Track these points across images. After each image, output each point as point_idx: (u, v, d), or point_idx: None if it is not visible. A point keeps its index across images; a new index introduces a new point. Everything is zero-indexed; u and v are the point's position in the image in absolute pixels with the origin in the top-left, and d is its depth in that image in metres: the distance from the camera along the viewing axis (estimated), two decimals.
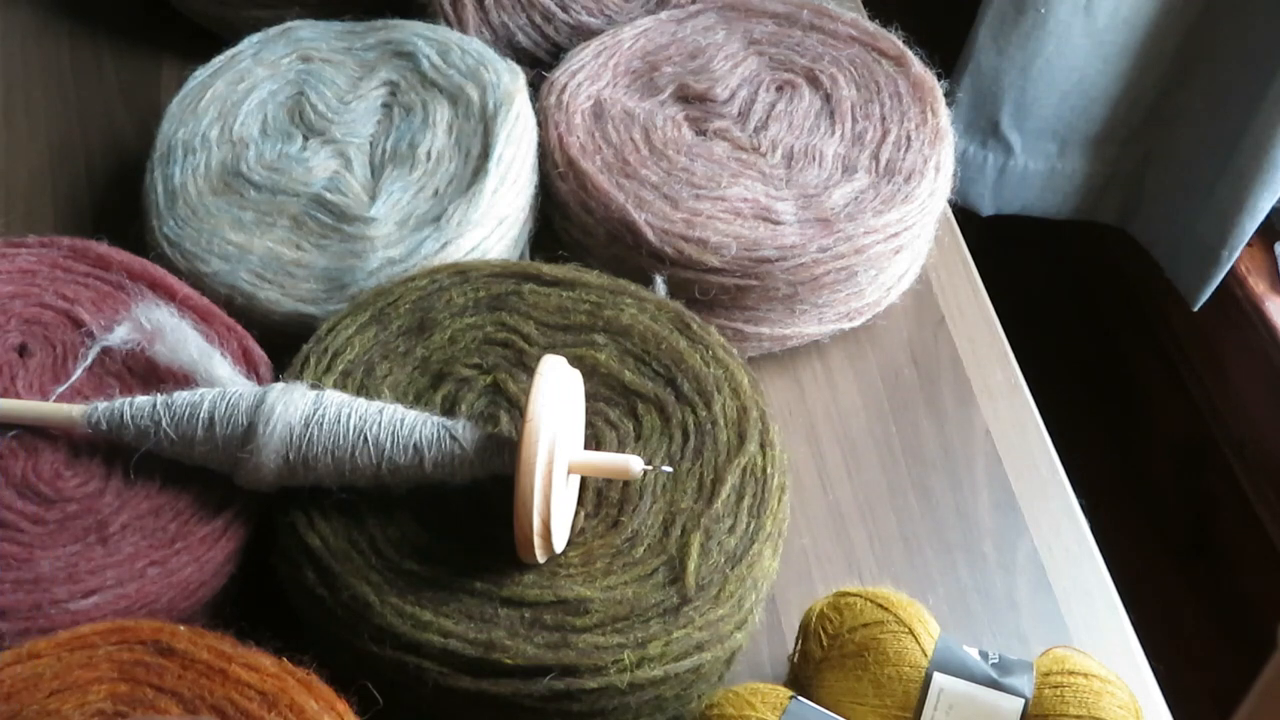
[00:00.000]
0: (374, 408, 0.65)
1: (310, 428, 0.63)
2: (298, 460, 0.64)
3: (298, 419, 0.64)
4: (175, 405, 0.65)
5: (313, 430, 0.63)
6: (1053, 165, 1.20)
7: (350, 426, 0.63)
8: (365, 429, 0.63)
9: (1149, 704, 0.74)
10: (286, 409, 0.64)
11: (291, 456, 0.63)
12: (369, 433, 0.63)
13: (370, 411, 0.64)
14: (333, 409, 0.64)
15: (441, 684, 0.62)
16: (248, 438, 0.64)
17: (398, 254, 0.78)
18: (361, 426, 0.63)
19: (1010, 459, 0.85)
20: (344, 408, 0.64)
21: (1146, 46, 1.11)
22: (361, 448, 0.63)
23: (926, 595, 0.77)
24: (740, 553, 0.66)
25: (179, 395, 0.66)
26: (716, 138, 0.87)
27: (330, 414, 0.64)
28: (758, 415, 0.71)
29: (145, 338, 0.70)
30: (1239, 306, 1.13)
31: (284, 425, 0.63)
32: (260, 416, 0.63)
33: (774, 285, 0.81)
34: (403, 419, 0.64)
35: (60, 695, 0.56)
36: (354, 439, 0.63)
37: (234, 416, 0.64)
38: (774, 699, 0.64)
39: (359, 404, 0.65)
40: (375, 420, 0.64)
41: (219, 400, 0.65)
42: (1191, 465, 1.26)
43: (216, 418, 0.64)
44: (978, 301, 0.93)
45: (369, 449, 0.63)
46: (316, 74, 0.87)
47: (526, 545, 0.61)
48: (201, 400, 0.65)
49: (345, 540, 0.65)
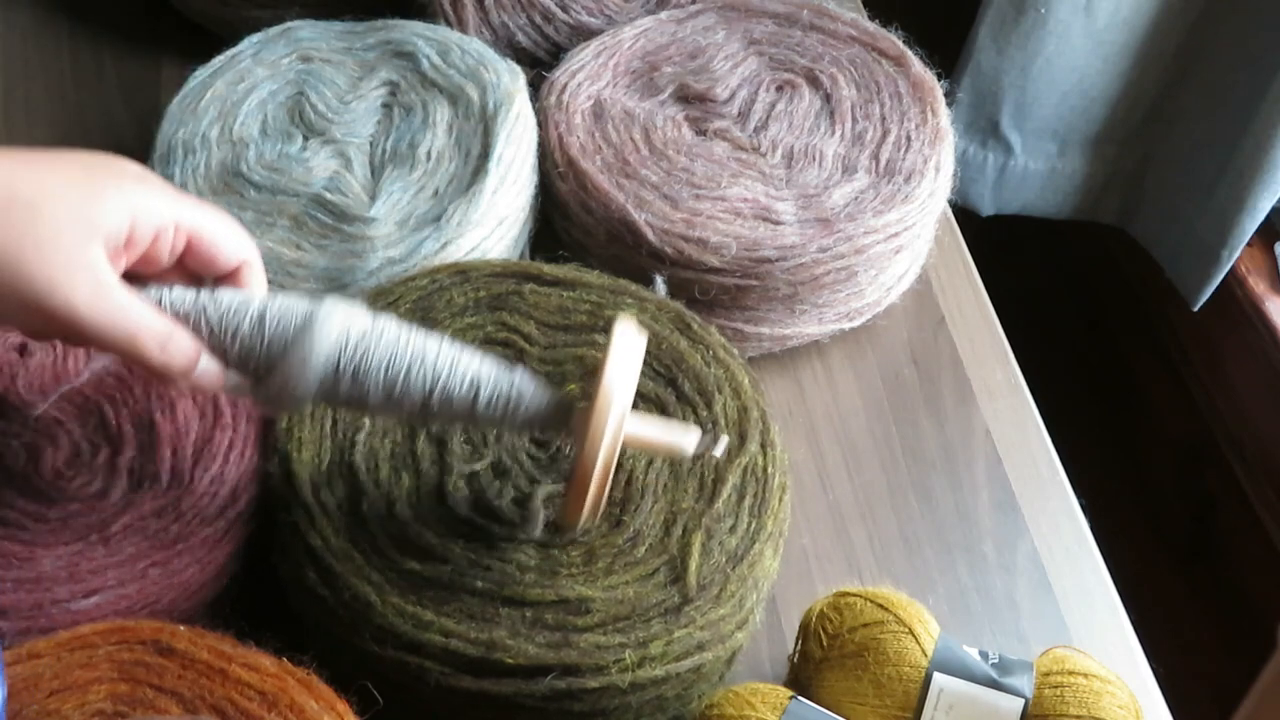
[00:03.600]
0: (435, 336, 0.61)
1: (369, 338, 0.60)
2: (347, 369, 0.59)
3: (356, 326, 0.60)
4: (221, 298, 0.61)
5: (370, 341, 0.60)
6: (1053, 165, 1.20)
7: (410, 344, 0.60)
8: (425, 351, 0.60)
9: (1149, 704, 0.74)
10: (347, 314, 0.60)
11: (343, 364, 0.59)
12: (428, 355, 0.60)
13: (432, 339, 0.61)
14: (394, 326, 0.61)
15: (443, 684, 0.62)
16: (301, 336, 0.59)
17: (398, 254, 0.78)
18: (422, 348, 0.60)
19: (1010, 459, 0.85)
20: (405, 328, 0.61)
21: (1146, 46, 1.11)
22: (418, 369, 0.60)
23: (926, 595, 0.77)
24: (741, 552, 0.66)
25: (224, 291, 0.62)
26: (716, 138, 0.87)
27: (391, 330, 0.60)
28: (758, 415, 0.71)
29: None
30: (1239, 306, 1.13)
31: (342, 329, 0.59)
32: (319, 316, 0.59)
33: (774, 285, 0.81)
34: (463, 350, 0.61)
35: (60, 695, 0.56)
36: (412, 358, 0.60)
37: (287, 315, 0.60)
38: (774, 699, 0.64)
39: (419, 330, 0.62)
40: (436, 347, 0.61)
41: (271, 300, 0.61)
42: (1191, 465, 1.26)
43: (268, 315, 0.60)
44: (978, 301, 0.93)
45: (424, 371, 0.60)
46: (316, 74, 0.87)
47: (577, 510, 0.59)
48: (251, 299, 0.61)
49: (346, 540, 0.65)
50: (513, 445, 0.69)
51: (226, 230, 0.61)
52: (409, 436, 0.69)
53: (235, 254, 0.61)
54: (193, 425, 0.69)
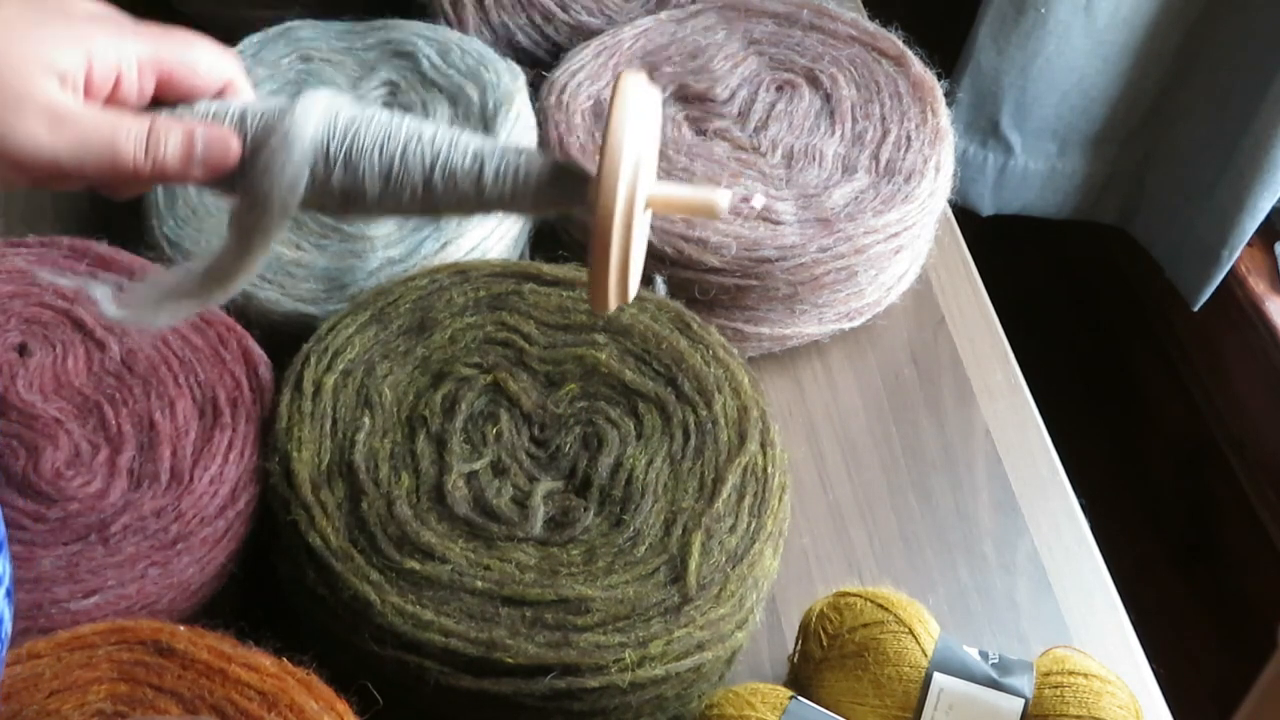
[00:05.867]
0: (430, 121, 0.56)
1: (358, 121, 0.54)
2: (337, 156, 0.54)
3: (344, 112, 0.55)
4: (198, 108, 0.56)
5: (360, 124, 0.54)
6: (1053, 165, 1.20)
7: (404, 124, 0.55)
8: (421, 129, 0.55)
9: (1149, 704, 0.74)
10: (331, 100, 0.55)
11: (333, 151, 0.54)
12: (425, 132, 0.55)
13: (427, 122, 0.56)
14: (383, 111, 0.56)
15: (442, 683, 0.62)
16: (283, 116, 0.54)
17: (398, 254, 0.78)
18: (418, 127, 0.55)
19: (1010, 459, 0.85)
20: (396, 113, 0.56)
21: (1146, 46, 1.11)
22: (415, 146, 0.54)
23: (926, 595, 0.77)
24: (741, 552, 0.66)
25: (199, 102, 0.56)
26: (716, 138, 0.87)
27: (382, 114, 0.55)
28: (758, 415, 0.71)
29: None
30: (1239, 306, 1.13)
31: (326, 112, 0.54)
32: (299, 103, 0.54)
33: (774, 285, 0.81)
34: (461, 131, 0.56)
35: (60, 695, 0.56)
36: (407, 136, 0.54)
37: (270, 110, 0.55)
38: (774, 699, 0.64)
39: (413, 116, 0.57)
40: (433, 127, 0.55)
41: (252, 103, 0.56)
42: (1191, 465, 1.26)
43: (249, 114, 0.55)
44: (978, 301, 0.93)
45: (422, 148, 0.54)
46: (316, 74, 0.87)
47: (602, 290, 0.53)
48: (228, 104, 0.56)
49: (346, 539, 0.65)
50: (512, 444, 0.69)
51: (198, 54, 0.56)
52: (409, 436, 0.69)
53: (215, 76, 0.56)
54: (192, 425, 0.69)
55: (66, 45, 0.52)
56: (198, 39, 0.56)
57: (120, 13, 0.56)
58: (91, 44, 0.52)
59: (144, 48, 0.54)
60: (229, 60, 0.57)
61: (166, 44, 0.55)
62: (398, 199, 0.55)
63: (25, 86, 0.51)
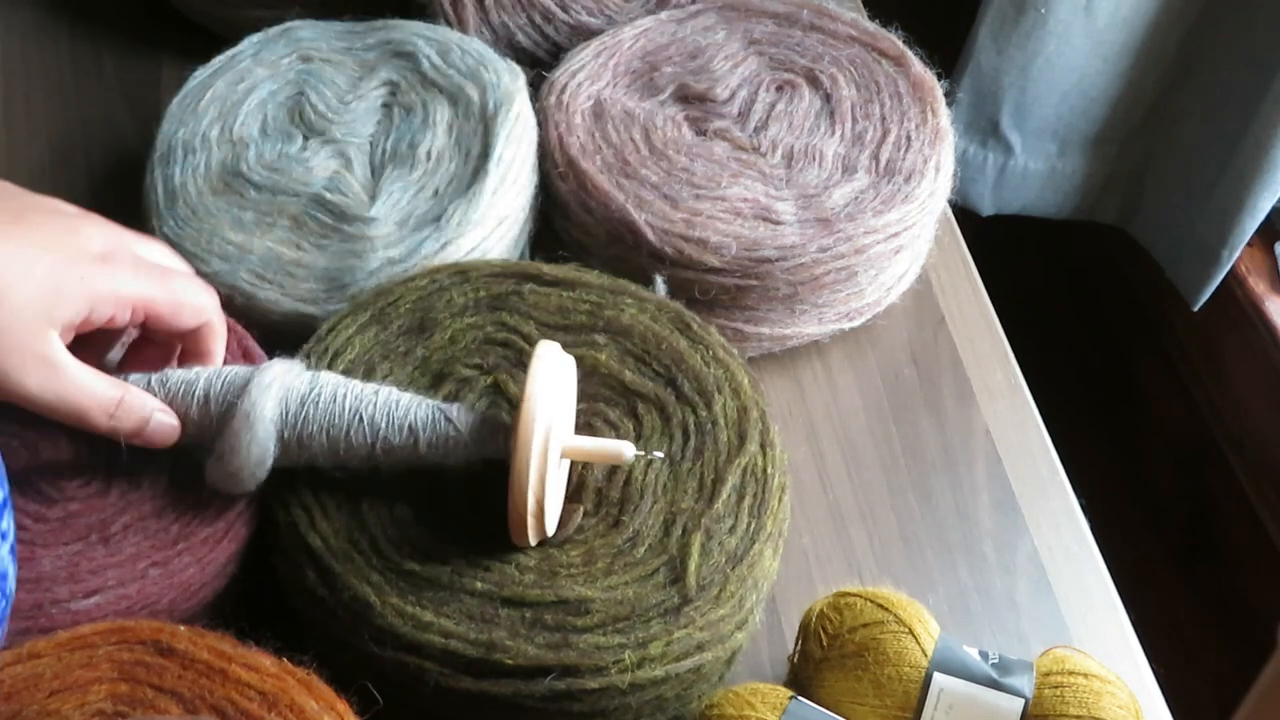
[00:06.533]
0: (369, 388, 0.65)
1: (306, 406, 0.64)
2: (293, 437, 0.64)
3: (294, 395, 0.64)
4: (170, 381, 0.65)
5: (308, 409, 0.64)
6: (1053, 165, 1.20)
7: (346, 406, 0.64)
8: (361, 408, 0.64)
9: (1149, 704, 0.74)
10: (288, 370, 0.65)
11: (287, 434, 0.64)
12: (364, 412, 0.64)
13: (366, 391, 0.65)
14: (329, 388, 0.65)
15: (442, 684, 0.62)
16: (238, 414, 0.63)
17: (398, 254, 0.78)
18: (357, 406, 0.64)
19: (1010, 459, 0.85)
20: (340, 387, 0.65)
21: (1146, 46, 1.11)
22: (356, 427, 0.64)
23: (926, 595, 0.77)
24: (741, 553, 0.66)
25: (172, 371, 0.66)
26: (716, 138, 0.87)
27: (326, 393, 0.64)
28: (758, 415, 0.71)
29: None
30: (1239, 306, 1.13)
31: (277, 402, 0.63)
32: (253, 392, 0.63)
33: (774, 285, 0.81)
34: (398, 400, 0.65)
35: (60, 695, 0.56)
36: (349, 418, 0.64)
37: (229, 393, 0.64)
38: (774, 699, 0.64)
39: (354, 384, 0.65)
40: (371, 400, 0.64)
41: (215, 377, 0.65)
42: (1191, 465, 1.26)
43: (212, 395, 0.65)
44: (978, 301, 0.93)
45: (364, 428, 0.64)
46: (316, 74, 0.87)
47: (520, 525, 0.62)
48: (197, 377, 0.65)
49: (346, 540, 0.65)
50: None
51: (182, 301, 0.65)
52: None
53: (191, 321, 0.66)
54: None
55: (72, 300, 0.60)
56: (187, 283, 0.66)
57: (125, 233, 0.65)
58: (95, 296, 0.61)
59: (139, 291, 0.63)
60: (208, 306, 0.67)
61: (157, 291, 0.64)
62: (347, 468, 0.65)
63: (32, 342, 0.60)
